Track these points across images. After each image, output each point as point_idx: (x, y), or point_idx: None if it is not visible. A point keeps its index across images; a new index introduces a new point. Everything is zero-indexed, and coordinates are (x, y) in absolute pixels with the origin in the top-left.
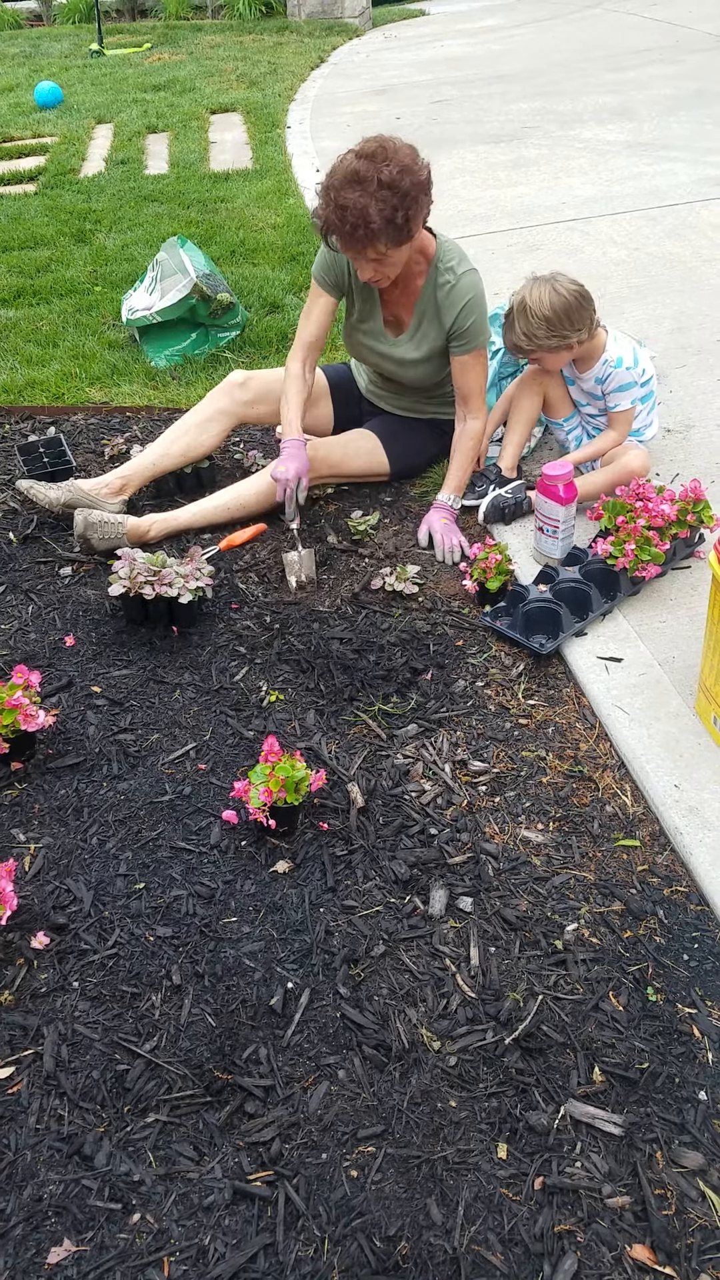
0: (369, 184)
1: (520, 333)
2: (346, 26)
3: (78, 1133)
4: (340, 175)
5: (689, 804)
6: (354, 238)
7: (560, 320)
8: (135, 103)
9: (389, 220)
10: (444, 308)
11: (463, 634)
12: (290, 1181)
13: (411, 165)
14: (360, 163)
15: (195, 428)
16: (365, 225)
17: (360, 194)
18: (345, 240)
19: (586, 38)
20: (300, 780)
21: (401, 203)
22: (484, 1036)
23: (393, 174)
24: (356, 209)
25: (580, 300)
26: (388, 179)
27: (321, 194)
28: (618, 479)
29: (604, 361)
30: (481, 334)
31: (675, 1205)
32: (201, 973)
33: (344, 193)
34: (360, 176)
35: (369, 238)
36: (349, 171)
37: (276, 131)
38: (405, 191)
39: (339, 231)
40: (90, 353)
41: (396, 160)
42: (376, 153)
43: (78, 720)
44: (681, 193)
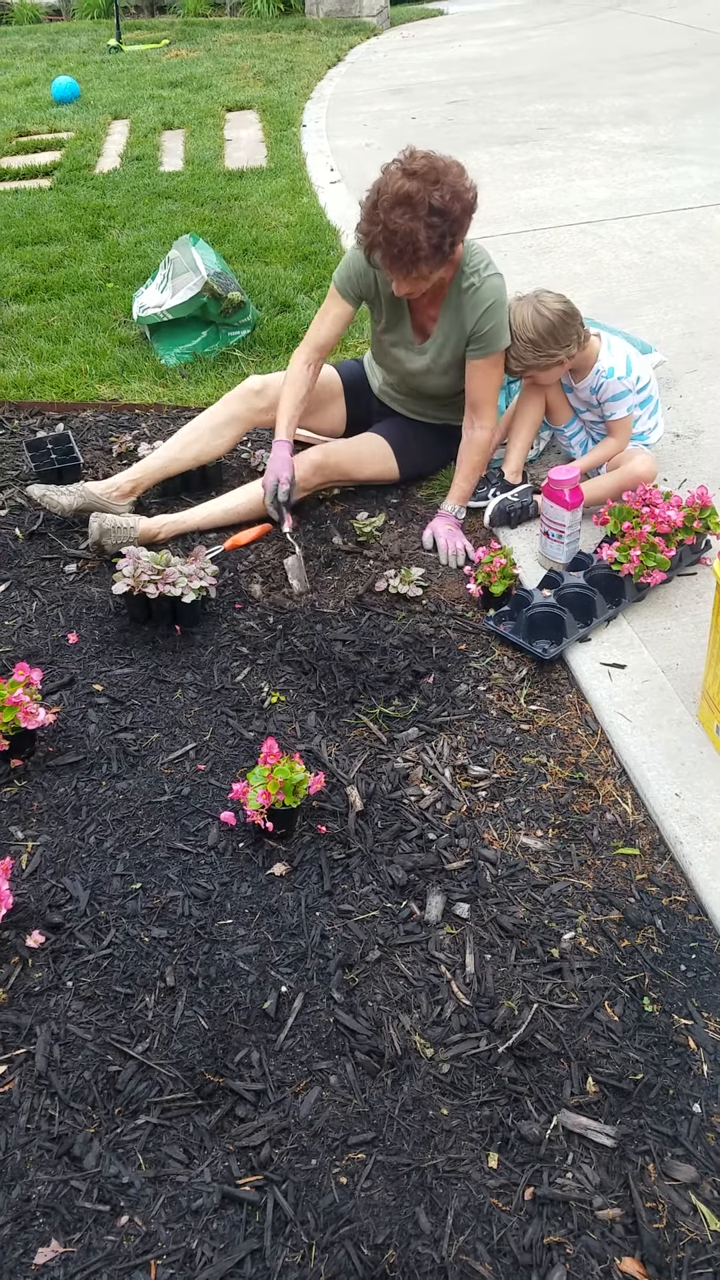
0: (420, 208)
1: (513, 357)
2: (364, 25)
3: (68, 1133)
4: (390, 196)
5: (690, 813)
6: (400, 260)
7: (546, 340)
8: (152, 99)
9: (436, 247)
10: (466, 310)
11: (466, 638)
12: (279, 1187)
13: (461, 190)
14: (411, 184)
15: (209, 432)
16: (414, 250)
17: (411, 218)
18: (390, 262)
19: (604, 39)
20: (299, 783)
21: (450, 228)
22: (477, 1044)
23: (444, 199)
24: (406, 233)
25: (564, 318)
26: (439, 205)
27: (368, 212)
28: (624, 484)
29: (596, 371)
30: (499, 340)
31: (666, 1218)
32: (195, 975)
33: (393, 215)
34: (412, 200)
35: (416, 261)
36: (400, 194)
37: (292, 130)
38: (456, 218)
39: (385, 252)
40: (101, 349)
41: (447, 184)
42: (428, 173)
43: (78, 718)
44: (696, 196)
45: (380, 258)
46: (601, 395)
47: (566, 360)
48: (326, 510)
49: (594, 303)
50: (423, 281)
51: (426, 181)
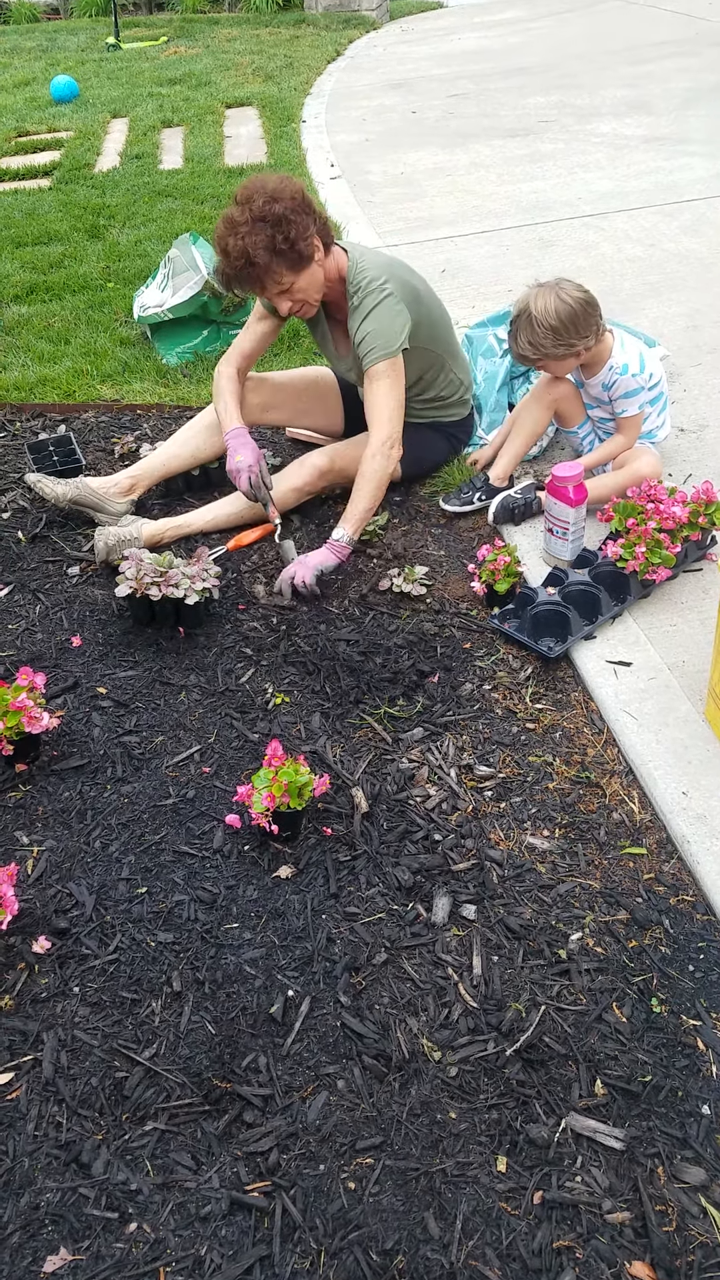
0: (241, 226)
1: (525, 342)
2: (363, 19)
3: (75, 1140)
4: (221, 226)
5: (697, 812)
6: (248, 277)
7: (567, 329)
8: (151, 97)
9: (271, 249)
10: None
11: (470, 636)
12: (288, 1192)
13: (280, 191)
14: (234, 209)
15: (205, 430)
16: (250, 262)
17: (238, 236)
18: (243, 283)
19: (605, 30)
20: (304, 785)
21: (278, 228)
22: (485, 1047)
23: (261, 206)
24: (238, 250)
25: (586, 307)
26: (258, 212)
27: (215, 247)
28: (629, 483)
29: (609, 368)
30: (375, 350)
31: (676, 1222)
32: (202, 979)
33: (225, 241)
34: (235, 221)
35: (261, 272)
36: (226, 220)
37: (291, 126)
38: (279, 217)
39: (235, 277)
40: (102, 350)
41: (263, 192)
42: (246, 195)
43: (83, 722)
44: (699, 188)
45: (236, 285)
46: (614, 392)
47: (583, 351)
48: (329, 510)
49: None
50: (294, 292)
51: (241, 203)
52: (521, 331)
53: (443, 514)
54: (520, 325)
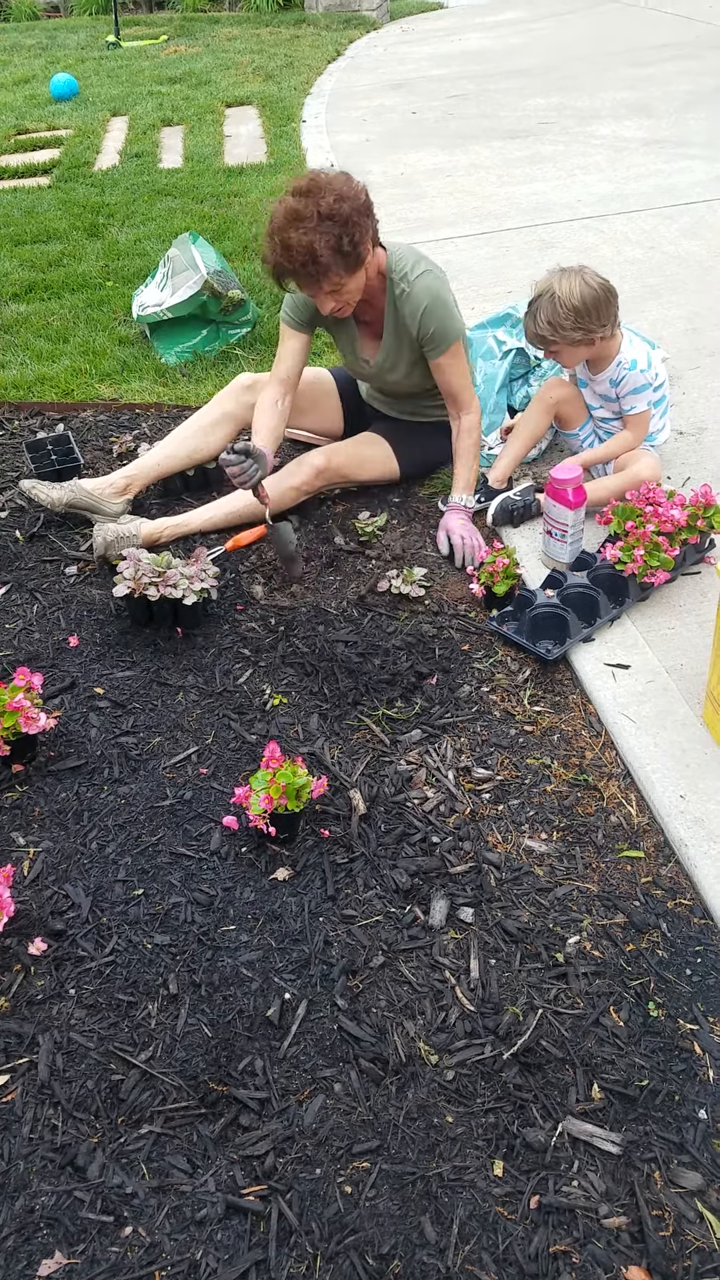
0: (309, 219)
1: (545, 322)
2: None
3: (71, 1143)
4: (280, 217)
5: (695, 815)
6: (306, 274)
7: (588, 312)
8: (150, 95)
9: (336, 250)
10: (407, 318)
11: (469, 638)
12: (284, 1196)
13: (346, 191)
14: (297, 201)
15: (201, 431)
16: (314, 260)
17: (302, 231)
18: (299, 279)
19: (605, 32)
20: (301, 787)
21: (345, 229)
22: (482, 1051)
23: (330, 204)
24: (302, 246)
25: (607, 294)
26: (326, 210)
27: (266, 239)
28: (628, 486)
29: (618, 364)
30: (449, 334)
31: (673, 1226)
32: (199, 982)
33: (286, 233)
34: (299, 214)
35: (321, 271)
36: (288, 212)
37: (292, 125)
38: (346, 218)
39: (291, 272)
40: (100, 349)
41: (331, 190)
42: (310, 188)
43: (80, 722)
44: (699, 191)
45: (290, 280)
46: (623, 389)
47: (598, 341)
48: (328, 510)
49: None
50: (343, 292)
51: (311, 195)
52: (542, 311)
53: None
54: (541, 305)
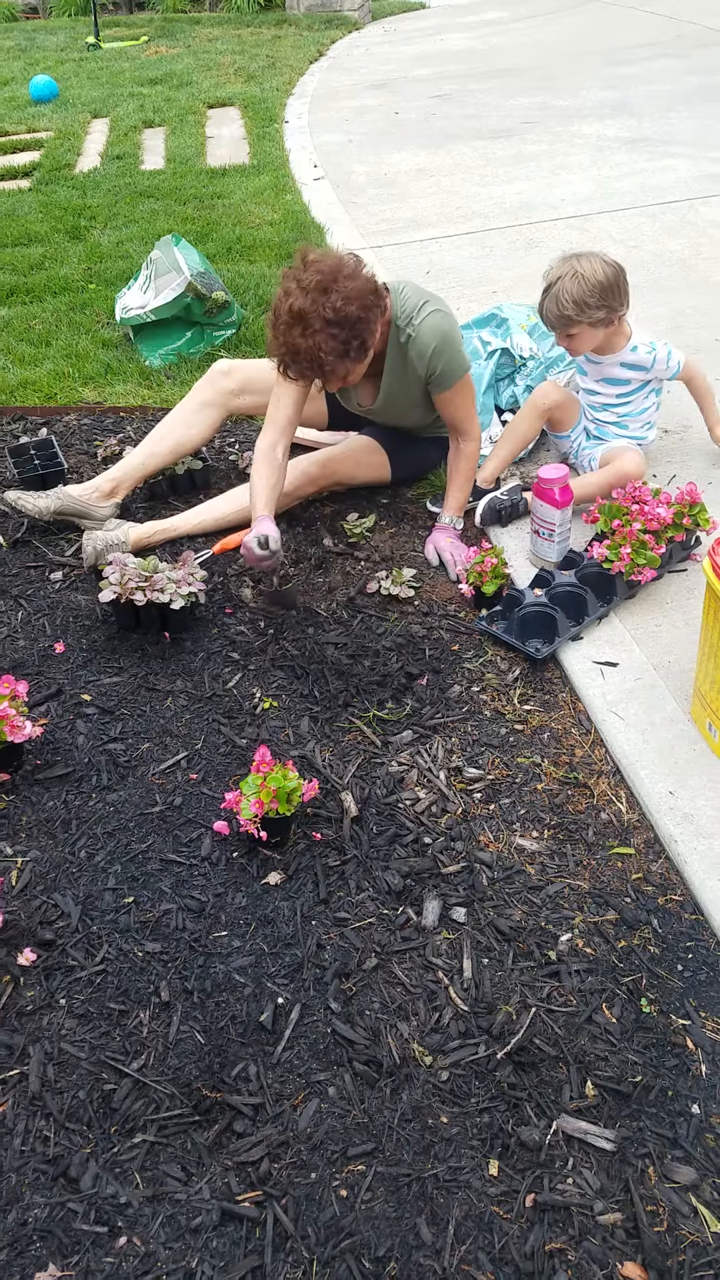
0: (313, 322)
1: (570, 302)
2: (346, 19)
3: (64, 1154)
4: (285, 315)
5: (684, 811)
6: (314, 372)
7: (611, 290)
8: (131, 97)
9: (343, 354)
10: (414, 360)
11: (458, 638)
12: (279, 1202)
13: (355, 292)
14: (303, 300)
15: (182, 423)
16: (320, 364)
17: (308, 334)
18: (307, 374)
19: (587, 31)
20: (292, 790)
21: (353, 333)
22: (476, 1051)
23: (337, 307)
24: (307, 350)
25: (622, 273)
26: (334, 315)
27: (270, 331)
28: (614, 481)
29: (633, 347)
30: (456, 370)
31: (667, 1222)
32: (191, 989)
33: (291, 336)
34: (305, 317)
35: (328, 373)
36: (294, 313)
37: (274, 126)
38: (354, 321)
39: (297, 369)
40: (84, 352)
41: (337, 291)
42: (317, 285)
43: (67, 730)
44: (681, 189)
45: (292, 372)
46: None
47: (615, 321)
48: (316, 512)
49: None
50: (350, 377)
51: (318, 293)
52: (565, 292)
53: (430, 516)
54: (563, 286)
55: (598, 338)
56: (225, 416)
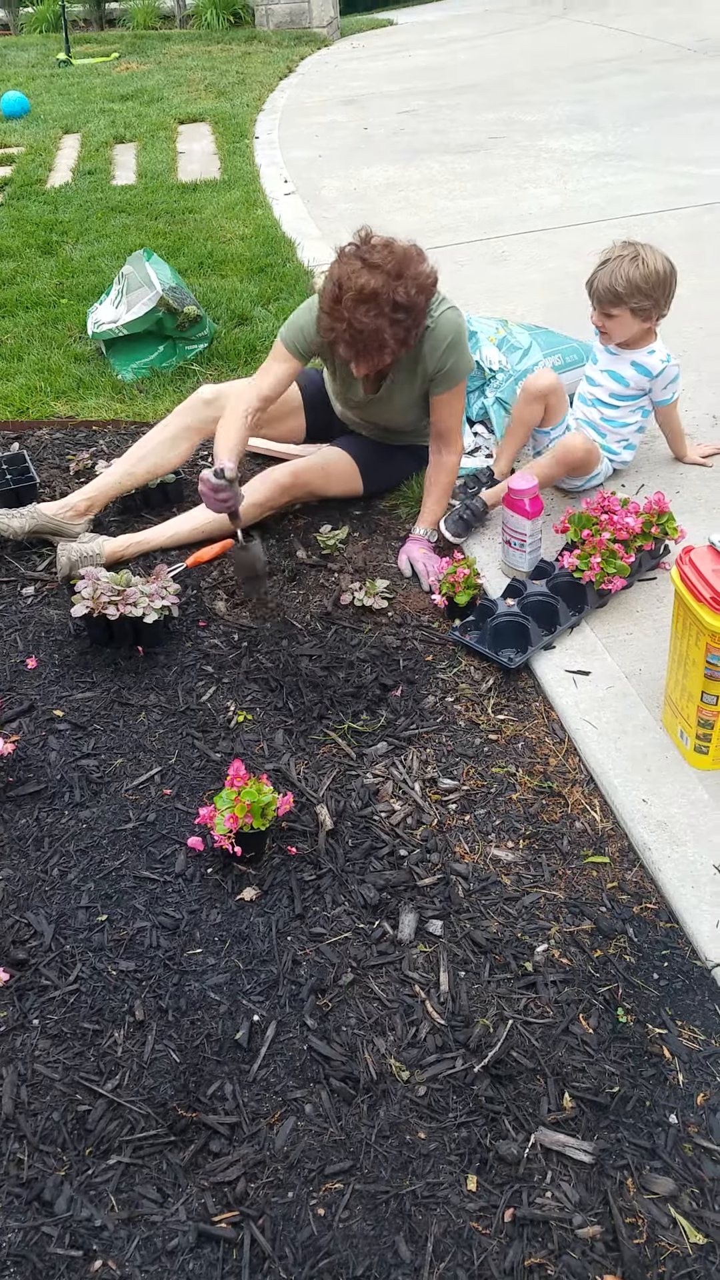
0: (385, 305)
1: (624, 278)
2: (315, 36)
3: (37, 1177)
4: (354, 292)
5: (657, 819)
6: (365, 354)
7: (663, 284)
8: (103, 113)
9: (402, 340)
10: (425, 353)
11: (432, 649)
12: (256, 1222)
13: (424, 281)
14: (375, 279)
15: (161, 445)
16: (379, 346)
17: (376, 315)
18: (355, 355)
19: (552, 48)
20: (267, 805)
21: (415, 321)
22: (453, 1065)
23: (409, 294)
24: (371, 331)
25: (675, 278)
26: (404, 300)
27: (329, 306)
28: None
29: (651, 351)
30: (462, 371)
31: (646, 1233)
32: (165, 1007)
33: (358, 313)
34: (378, 297)
35: (380, 355)
36: (365, 291)
37: (245, 142)
38: (420, 310)
39: (350, 346)
40: (56, 366)
41: (410, 277)
42: (390, 266)
43: (39, 746)
44: (647, 203)
45: (343, 351)
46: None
47: (652, 319)
48: (289, 524)
49: (548, 310)
50: (384, 364)
51: (390, 275)
52: (623, 269)
53: (403, 527)
54: (623, 264)
55: (633, 329)
56: (203, 441)
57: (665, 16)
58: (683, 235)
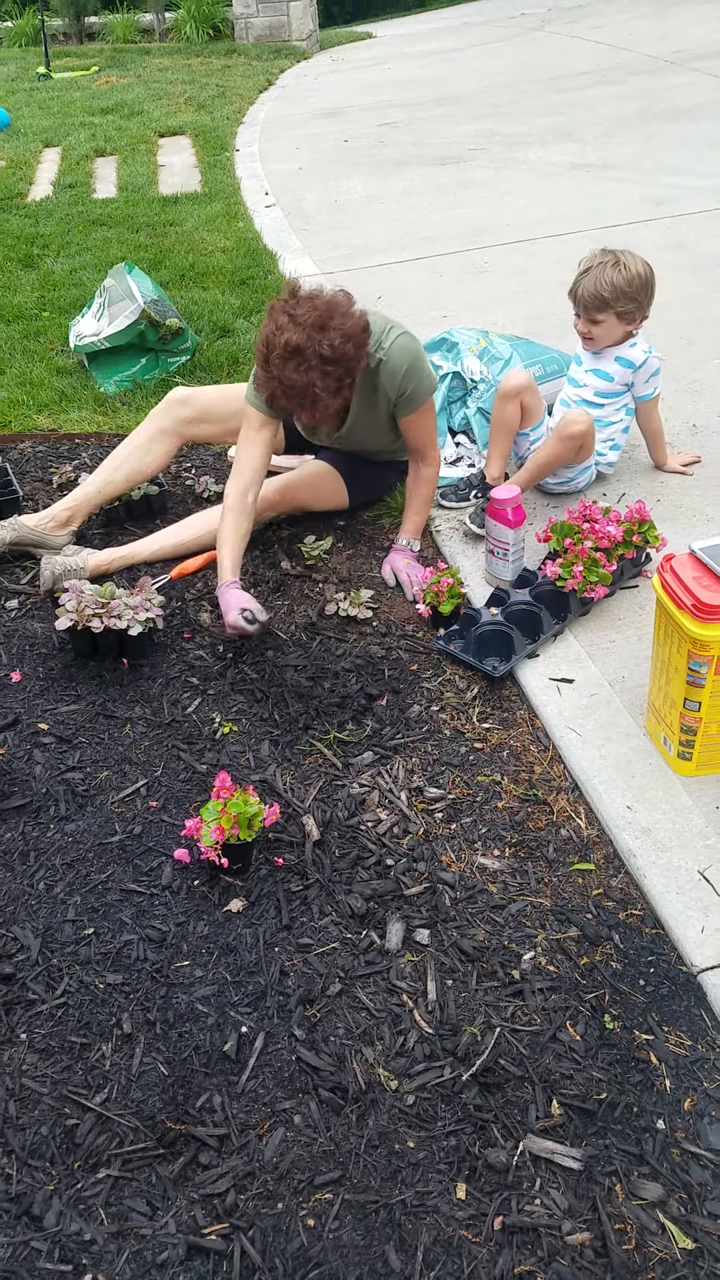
0: (310, 359)
1: (609, 284)
2: (294, 49)
3: (26, 1192)
4: (279, 350)
5: (641, 825)
6: (302, 406)
7: (645, 287)
8: (83, 126)
9: (335, 391)
10: (383, 383)
11: (417, 658)
12: (246, 1234)
13: (351, 330)
14: (299, 335)
15: (138, 450)
16: (312, 398)
17: (304, 370)
18: (293, 407)
19: (532, 60)
20: (253, 816)
21: (347, 369)
22: (442, 1073)
23: (335, 345)
24: (302, 385)
25: (654, 280)
26: (330, 353)
27: (261, 364)
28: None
29: (633, 344)
30: (424, 392)
31: (635, 1239)
32: (153, 1020)
33: (285, 371)
34: (302, 352)
35: (315, 405)
36: (290, 347)
37: (225, 154)
38: (350, 360)
39: (287, 402)
40: (38, 379)
41: (334, 328)
42: (313, 319)
43: (24, 760)
44: (626, 213)
45: (283, 404)
46: (645, 371)
47: (636, 321)
48: (274, 535)
49: (529, 321)
50: (329, 412)
51: (314, 329)
52: (607, 274)
53: (387, 537)
54: (605, 270)
55: (617, 333)
56: (181, 444)
57: (641, 29)
58: (661, 245)
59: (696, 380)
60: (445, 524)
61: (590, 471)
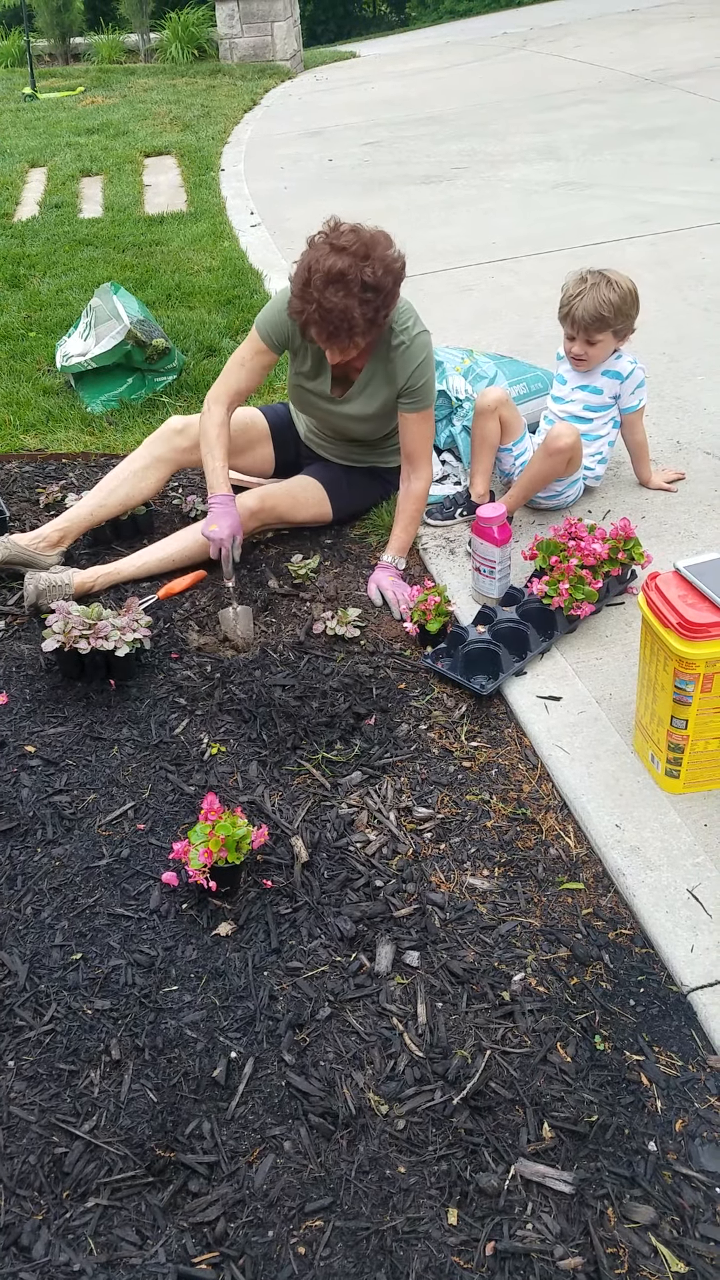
0: (353, 285)
1: (606, 303)
2: (278, 69)
3: (14, 1222)
4: (322, 274)
5: (630, 844)
6: (335, 336)
7: (635, 303)
8: (69, 146)
9: (371, 321)
10: (397, 367)
11: (405, 676)
12: (236, 1263)
13: (391, 263)
14: (342, 260)
15: (133, 476)
16: (349, 326)
17: (345, 295)
18: (326, 337)
19: (514, 79)
20: (241, 838)
21: (384, 301)
22: (432, 1097)
23: (376, 274)
24: (341, 311)
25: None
26: (372, 280)
27: (299, 289)
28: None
29: (618, 356)
30: (431, 394)
31: (628, 1263)
32: (142, 1046)
33: (327, 293)
34: (345, 277)
35: (350, 336)
36: (332, 272)
37: (210, 174)
38: (388, 291)
39: (320, 328)
40: (25, 399)
41: (377, 258)
42: (358, 248)
43: (10, 783)
44: (608, 231)
45: (315, 333)
46: (631, 383)
47: (626, 336)
48: (261, 554)
49: (514, 339)
50: (355, 350)
51: (357, 257)
52: (602, 295)
53: (375, 556)
54: (599, 290)
55: (608, 351)
56: (174, 471)
57: (621, 48)
58: (643, 263)
59: (680, 397)
60: (432, 541)
61: (579, 485)
